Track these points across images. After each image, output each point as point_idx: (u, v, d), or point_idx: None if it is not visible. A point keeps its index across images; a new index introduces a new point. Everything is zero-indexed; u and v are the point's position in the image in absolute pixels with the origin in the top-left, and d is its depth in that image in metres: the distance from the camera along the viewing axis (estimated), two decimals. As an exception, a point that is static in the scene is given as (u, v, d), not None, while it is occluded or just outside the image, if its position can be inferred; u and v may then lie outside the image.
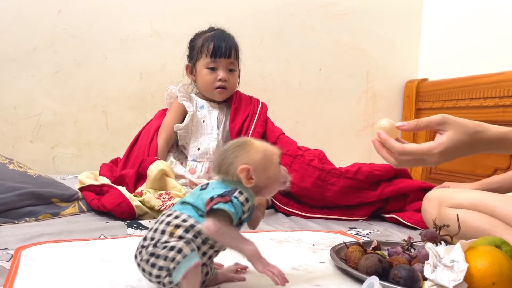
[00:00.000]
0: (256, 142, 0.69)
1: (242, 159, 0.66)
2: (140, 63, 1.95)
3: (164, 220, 0.64)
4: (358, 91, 2.30)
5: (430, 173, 2.12)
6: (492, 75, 1.79)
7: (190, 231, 0.62)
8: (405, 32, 2.36)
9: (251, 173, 0.65)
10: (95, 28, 1.88)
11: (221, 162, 0.67)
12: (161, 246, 0.61)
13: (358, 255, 0.80)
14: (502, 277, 0.68)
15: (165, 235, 0.62)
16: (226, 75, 1.47)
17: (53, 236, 0.94)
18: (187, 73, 1.56)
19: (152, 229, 0.65)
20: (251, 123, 1.47)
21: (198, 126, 1.47)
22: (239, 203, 0.64)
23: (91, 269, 0.76)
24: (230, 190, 0.65)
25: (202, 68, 1.48)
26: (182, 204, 0.67)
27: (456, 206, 1.06)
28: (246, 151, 0.67)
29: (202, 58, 1.47)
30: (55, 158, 1.87)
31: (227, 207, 0.62)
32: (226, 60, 1.47)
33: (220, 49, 1.44)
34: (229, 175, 0.66)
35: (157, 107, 1.96)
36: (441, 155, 0.78)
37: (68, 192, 1.23)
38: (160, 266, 0.60)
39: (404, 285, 0.70)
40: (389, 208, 1.36)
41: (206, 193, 0.66)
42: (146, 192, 1.21)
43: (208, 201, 0.63)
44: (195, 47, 1.51)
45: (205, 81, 1.48)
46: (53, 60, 1.84)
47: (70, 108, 1.87)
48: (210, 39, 1.47)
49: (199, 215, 0.64)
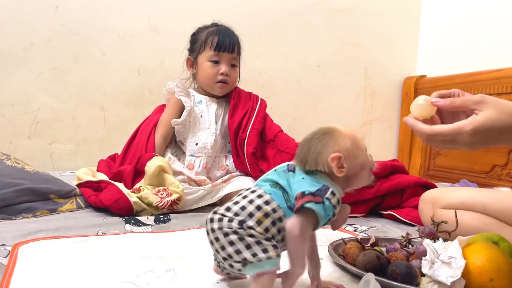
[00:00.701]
0: (342, 128, 0.65)
1: (332, 148, 0.62)
2: (138, 59, 1.95)
3: (253, 200, 0.61)
4: (357, 88, 2.30)
5: (428, 170, 2.12)
6: (491, 71, 1.79)
7: (276, 224, 0.60)
8: (404, 29, 2.36)
9: (342, 161, 0.62)
10: (93, 24, 1.87)
11: (307, 152, 0.63)
12: (248, 231, 0.58)
13: (356, 252, 0.80)
14: (500, 273, 0.68)
15: (252, 220, 0.59)
16: (228, 69, 1.45)
17: (50, 232, 0.94)
18: (187, 66, 1.55)
19: (237, 202, 0.62)
20: (250, 119, 1.46)
21: (196, 121, 1.45)
22: (331, 206, 0.61)
23: (89, 265, 0.76)
24: (322, 188, 0.61)
25: (204, 60, 1.46)
26: (274, 186, 0.63)
27: (448, 206, 1.05)
28: (334, 138, 0.63)
29: (205, 51, 1.46)
30: (52, 154, 1.87)
31: (318, 209, 0.59)
32: (229, 55, 1.46)
33: (225, 43, 1.43)
34: (318, 165, 0.62)
35: (155, 104, 1.96)
36: (474, 134, 0.71)
37: (65, 188, 1.23)
38: (239, 249, 0.58)
39: (402, 281, 0.70)
40: (387, 204, 1.36)
41: (295, 181, 0.62)
42: (144, 188, 1.21)
43: (299, 196, 0.60)
44: (198, 40, 1.49)
45: (207, 74, 1.46)
46: (51, 56, 1.83)
47: (67, 104, 1.87)
48: (214, 33, 1.46)
49: (288, 207, 0.61)
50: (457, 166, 1.95)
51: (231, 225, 0.59)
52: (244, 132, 1.43)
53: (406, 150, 2.27)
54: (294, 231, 0.59)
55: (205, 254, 0.85)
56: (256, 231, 0.59)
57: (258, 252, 0.58)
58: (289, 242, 0.61)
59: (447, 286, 0.68)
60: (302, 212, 0.60)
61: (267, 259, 0.58)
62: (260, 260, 0.57)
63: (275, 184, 0.63)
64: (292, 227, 0.59)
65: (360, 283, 0.68)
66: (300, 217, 0.60)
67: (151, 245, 0.89)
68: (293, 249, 0.61)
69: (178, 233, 1.01)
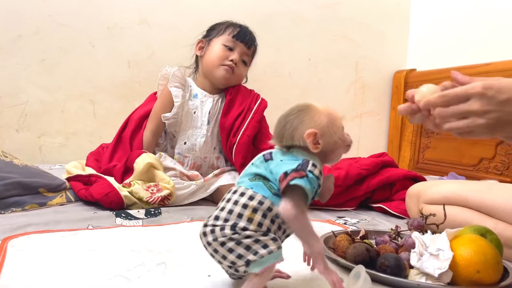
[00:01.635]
0: (319, 106, 0.66)
1: (308, 124, 0.63)
2: (128, 52, 1.93)
3: (238, 200, 0.60)
4: (347, 81, 2.31)
5: (417, 163, 2.14)
6: (479, 65, 1.81)
7: (267, 216, 0.60)
8: (394, 22, 2.36)
9: (318, 138, 0.63)
10: (82, 15, 1.85)
11: (283, 128, 0.64)
12: (242, 234, 0.58)
13: (346, 244, 0.81)
14: (487, 265, 0.69)
15: (243, 220, 0.59)
16: (239, 60, 1.41)
17: (40, 226, 0.93)
18: (196, 48, 1.49)
19: (223, 208, 0.61)
20: (244, 122, 1.38)
21: (188, 117, 1.39)
22: (314, 177, 0.61)
23: (79, 259, 0.76)
24: (303, 162, 0.61)
25: (218, 43, 1.41)
26: (253, 179, 0.63)
27: (429, 201, 1.06)
28: (310, 115, 0.64)
29: (223, 35, 1.42)
30: (41, 148, 1.85)
31: (303, 183, 0.58)
32: (244, 47, 1.42)
33: (245, 36, 1.42)
34: (294, 140, 0.63)
35: (145, 96, 1.93)
36: (488, 88, 0.64)
37: (55, 182, 1.22)
38: (240, 254, 0.58)
39: (391, 273, 0.71)
40: (377, 198, 1.37)
41: (275, 164, 0.62)
42: (134, 183, 1.21)
43: (282, 177, 0.60)
44: (217, 27, 1.46)
45: (216, 55, 1.40)
46: (39, 47, 1.81)
47: (56, 96, 1.85)
48: (237, 25, 1.45)
49: (273, 194, 0.60)
50: (446, 159, 1.97)
51: (225, 233, 0.59)
52: (234, 137, 1.36)
53: (396, 143, 2.29)
54: (288, 212, 0.59)
55: (196, 247, 0.85)
56: (250, 230, 0.59)
57: (259, 250, 0.58)
58: (291, 225, 0.60)
59: (435, 278, 0.70)
60: (289, 192, 0.59)
61: (269, 254, 0.58)
62: (262, 257, 0.57)
63: (254, 176, 0.63)
64: (285, 210, 0.59)
65: (350, 275, 0.69)
66: (289, 196, 0.59)
67: (141, 239, 0.89)
68: (298, 229, 0.60)
69: (169, 227, 1.01)
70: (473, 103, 0.66)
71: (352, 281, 0.68)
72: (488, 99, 0.65)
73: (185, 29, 1.98)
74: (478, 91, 0.65)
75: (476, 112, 0.66)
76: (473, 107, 0.66)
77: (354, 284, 0.68)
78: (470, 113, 0.67)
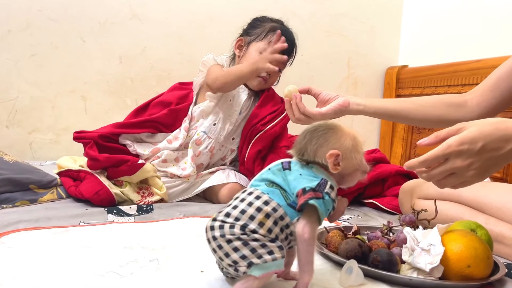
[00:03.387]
0: (345, 128, 0.66)
1: (334, 144, 0.64)
2: (119, 47, 1.91)
3: (252, 202, 0.60)
4: (340, 77, 2.31)
5: (409, 159, 2.15)
6: (470, 62, 1.82)
7: (278, 224, 0.60)
8: (386, 19, 2.37)
9: (339, 159, 0.63)
10: (72, 10, 1.83)
11: (308, 142, 0.64)
12: (251, 236, 0.58)
13: (338, 240, 0.82)
14: (477, 260, 0.70)
15: (254, 222, 0.59)
16: (275, 71, 1.35)
17: (31, 223, 0.92)
18: (235, 47, 1.46)
19: (235, 206, 0.61)
20: (276, 118, 1.38)
21: (224, 102, 1.39)
22: (330, 200, 0.61)
23: (71, 256, 0.75)
24: (321, 182, 0.62)
25: (256, 50, 1.38)
26: (270, 185, 0.63)
27: (425, 197, 1.07)
28: (337, 136, 0.64)
29: (262, 42, 1.38)
30: (32, 144, 1.83)
31: (319, 204, 0.59)
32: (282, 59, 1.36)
33: (283, 49, 1.33)
34: (316, 157, 0.63)
35: (137, 92, 1.94)
36: (462, 143, 0.67)
37: (46, 178, 1.21)
38: (244, 255, 0.57)
39: (383, 269, 0.72)
40: (369, 193, 1.38)
41: (293, 177, 0.62)
42: (126, 184, 1.20)
43: (300, 193, 0.60)
44: (259, 27, 1.42)
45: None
46: (29, 43, 1.78)
47: (47, 92, 1.83)
48: (281, 31, 1.38)
49: (288, 204, 0.61)
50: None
51: (234, 231, 0.58)
52: (263, 126, 1.36)
53: (388, 139, 2.30)
54: (306, 235, 0.60)
55: (189, 244, 0.85)
56: (259, 233, 0.59)
57: (264, 254, 0.58)
58: (300, 247, 0.61)
59: (426, 272, 0.70)
60: (307, 211, 0.60)
61: (272, 260, 0.58)
62: (266, 262, 0.57)
63: (271, 183, 0.64)
64: (303, 231, 0.60)
65: (343, 270, 0.70)
66: (306, 218, 0.60)
67: (134, 235, 0.89)
68: (304, 253, 0.61)
69: (161, 223, 1.01)
70: (454, 161, 0.69)
71: (344, 276, 0.69)
72: (466, 153, 0.68)
73: (177, 24, 1.97)
74: (454, 149, 0.68)
75: (461, 168, 0.69)
76: (456, 164, 0.69)
77: (347, 279, 0.68)
78: (455, 169, 0.69)
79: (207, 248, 0.62)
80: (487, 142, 0.67)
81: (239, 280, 0.59)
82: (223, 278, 0.68)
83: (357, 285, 0.69)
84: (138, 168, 1.21)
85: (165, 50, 1.87)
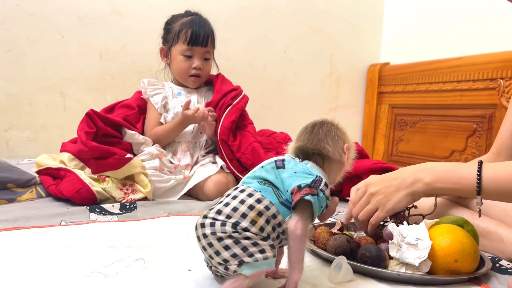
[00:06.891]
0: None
1: (348, 139, 0.68)
2: (99, 43, 1.87)
3: (245, 200, 0.59)
4: (322, 74, 2.32)
5: (391, 155, 2.18)
6: (451, 59, 1.85)
7: (270, 222, 0.59)
8: (368, 16, 2.38)
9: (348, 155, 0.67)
10: (50, 4, 1.78)
11: (327, 133, 0.66)
12: (243, 234, 0.57)
13: (326, 236, 0.81)
14: (464, 255, 0.70)
15: (246, 220, 0.57)
16: (201, 63, 1.45)
17: (9, 223, 0.89)
18: (161, 56, 1.53)
19: (227, 204, 0.59)
20: (239, 95, 1.47)
21: (179, 112, 1.44)
22: (324, 197, 0.61)
23: (53, 256, 0.73)
24: (316, 179, 0.61)
25: (177, 54, 1.46)
26: (263, 183, 0.62)
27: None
28: (344, 132, 0.68)
29: (178, 44, 1.45)
30: (8, 142, 1.78)
31: (314, 201, 0.59)
32: (202, 49, 1.45)
33: (198, 38, 1.42)
34: (329, 146, 0.65)
35: (117, 89, 1.90)
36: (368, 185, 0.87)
37: (24, 177, 1.18)
38: (235, 253, 0.56)
39: (371, 264, 0.72)
40: (346, 190, 1.38)
41: (288, 175, 0.62)
42: (109, 181, 1.17)
43: (296, 190, 0.59)
44: (171, 31, 1.47)
45: (180, 68, 1.46)
46: (5, 37, 1.73)
47: (24, 89, 1.78)
48: (188, 25, 1.43)
49: (280, 202, 0.60)
50: (419, 151, 2.01)
51: (225, 229, 0.57)
52: (232, 100, 1.44)
53: (370, 136, 2.32)
54: (298, 231, 0.59)
55: (175, 242, 0.84)
56: (251, 232, 0.57)
57: (255, 253, 0.57)
58: (292, 243, 0.60)
59: (414, 267, 0.71)
60: (300, 208, 0.60)
61: (264, 259, 0.57)
62: (257, 261, 0.56)
63: (263, 181, 0.63)
64: (295, 227, 0.59)
65: (332, 266, 0.69)
66: (299, 214, 0.60)
67: (118, 234, 0.87)
68: (295, 250, 0.60)
69: (145, 222, 0.99)
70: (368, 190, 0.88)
71: (333, 272, 0.69)
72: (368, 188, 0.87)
73: (158, 19, 1.92)
74: (364, 184, 0.89)
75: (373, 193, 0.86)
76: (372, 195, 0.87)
77: (336, 275, 0.68)
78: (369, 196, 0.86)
79: (194, 247, 0.61)
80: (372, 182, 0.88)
81: (229, 278, 0.58)
82: (212, 276, 0.66)
83: (347, 281, 0.69)
84: (125, 162, 1.18)
85: (146, 46, 1.83)
